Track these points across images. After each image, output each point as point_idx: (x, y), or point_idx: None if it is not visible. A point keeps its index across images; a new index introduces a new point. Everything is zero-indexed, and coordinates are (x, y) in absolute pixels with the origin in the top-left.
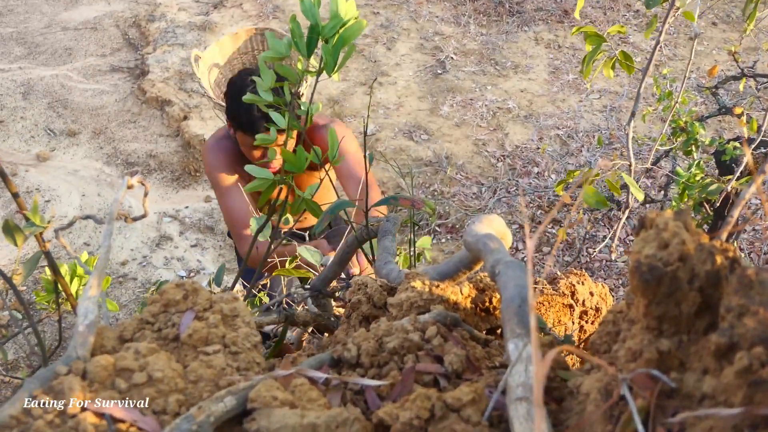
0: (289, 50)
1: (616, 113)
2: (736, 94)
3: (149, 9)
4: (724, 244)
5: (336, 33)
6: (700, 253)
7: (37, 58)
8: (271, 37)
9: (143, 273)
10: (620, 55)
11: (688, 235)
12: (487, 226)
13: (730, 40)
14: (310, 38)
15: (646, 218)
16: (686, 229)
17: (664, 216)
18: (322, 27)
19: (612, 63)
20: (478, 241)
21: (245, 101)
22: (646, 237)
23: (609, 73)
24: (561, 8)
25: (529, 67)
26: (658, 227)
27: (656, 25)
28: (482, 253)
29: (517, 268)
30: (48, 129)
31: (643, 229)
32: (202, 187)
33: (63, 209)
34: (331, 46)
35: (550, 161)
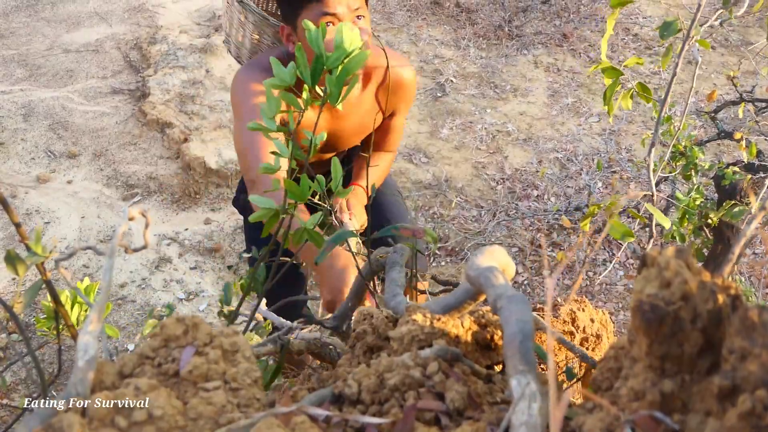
0: (294, 78)
1: (615, 137)
2: (735, 117)
3: (151, 31)
4: (726, 281)
5: (340, 64)
6: (702, 292)
7: (39, 80)
8: (276, 65)
9: (142, 295)
10: (638, 87)
11: (690, 274)
12: (489, 258)
13: (728, 64)
14: (314, 68)
15: (648, 256)
16: (688, 267)
17: (665, 254)
18: (327, 57)
19: (629, 94)
20: (480, 275)
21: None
22: (647, 276)
23: (627, 104)
24: (560, 32)
25: (528, 90)
26: (659, 266)
27: (671, 56)
28: (484, 287)
29: (519, 302)
30: (48, 151)
31: (644, 268)
32: (201, 210)
33: (62, 231)
34: (335, 76)
35: (549, 184)
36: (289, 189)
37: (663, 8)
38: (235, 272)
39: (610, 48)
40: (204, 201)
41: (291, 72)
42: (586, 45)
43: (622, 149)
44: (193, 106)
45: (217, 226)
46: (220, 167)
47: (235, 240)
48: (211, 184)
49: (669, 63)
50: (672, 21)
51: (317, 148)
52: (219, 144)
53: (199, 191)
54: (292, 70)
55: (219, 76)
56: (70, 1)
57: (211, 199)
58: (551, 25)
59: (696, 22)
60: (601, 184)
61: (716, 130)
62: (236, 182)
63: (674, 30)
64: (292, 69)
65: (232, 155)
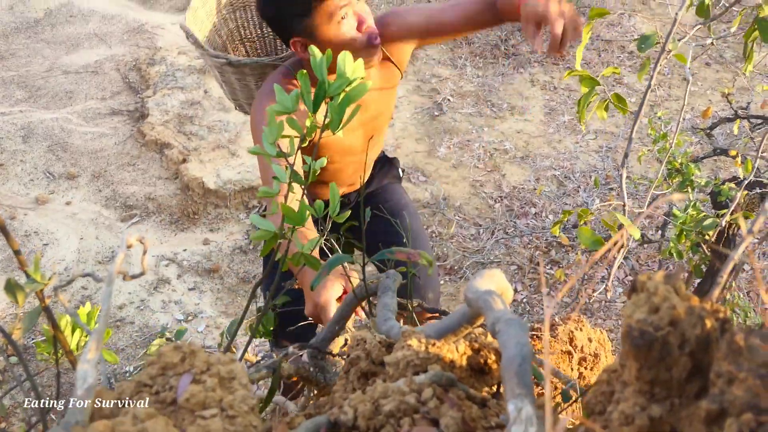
0: (296, 105)
1: (612, 154)
2: (730, 134)
3: (150, 53)
4: (714, 305)
5: (342, 92)
6: (690, 317)
7: (38, 101)
8: (280, 92)
9: (141, 317)
10: (613, 98)
11: (678, 299)
12: (488, 281)
13: (723, 80)
14: (317, 95)
15: (638, 281)
16: (676, 292)
17: (654, 279)
18: (329, 85)
19: (605, 105)
20: (478, 298)
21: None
22: (637, 301)
23: (603, 114)
24: None
25: (525, 108)
26: (648, 291)
27: (649, 68)
28: (483, 310)
29: (517, 326)
30: (47, 172)
31: (634, 293)
32: (200, 230)
33: (61, 253)
34: (336, 104)
35: (547, 202)
36: (286, 213)
37: (658, 26)
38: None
39: (605, 65)
40: (202, 221)
41: (293, 98)
42: (582, 63)
43: (619, 166)
44: (192, 126)
45: (215, 247)
46: (219, 187)
47: (234, 260)
48: (210, 205)
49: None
50: (650, 35)
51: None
52: (217, 164)
53: (197, 212)
54: (295, 97)
55: (217, 97)
56: (69, 23)
57: (210, 219)
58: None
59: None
60: (598, 201)
61: (712, 146)
62: (235, 202)
63: (651, 43)
64: (294, 96)
65: (230, 175)
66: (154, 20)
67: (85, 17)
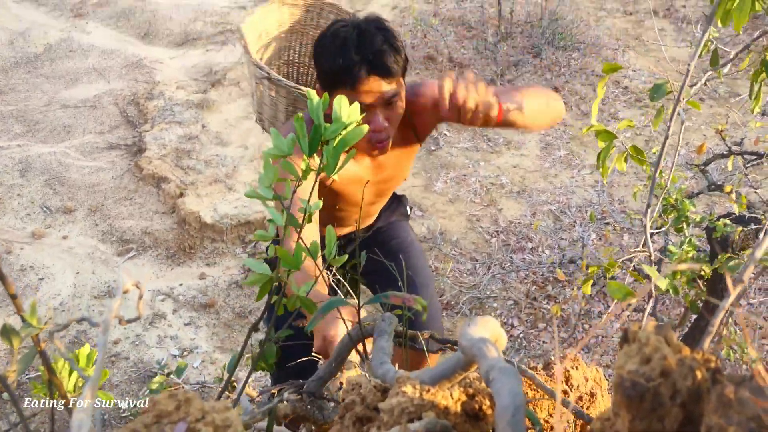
0: (292, 148)
1: (607, 188)
2: (724, 169)
3: (148, 87)
4: (706, 355)
5: (337, 135)
6: (681, 368)
7: (36, 135)
8: (276, 136)
9: (136, 352)
10: (631, 150)
11: (669, 350)
12: (482, 328)
13: (717, 115)
14: (313, 138)
15: (629, 332)
16: (667, 343)
17: (646, 330)
18: (325, 129)
19: (624, 156)
20: (472, 346)
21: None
22: (628, 351)
23: (622, 166)
24: (551, 85)
25: (520, 143)
26: (640, 341)
27: (663, 117)
28: (477, 358)
29: (511, 375)
30: (44, 206)
31: (626, 344)
32: (196, 265)
33: (57, 287)
34: (332, 147)
35: (543, 237)
36: (281, 257)
37: (651, 61)
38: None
39: (601, 101)
40: (199, 256)
41: (290, 142)
42: (577, 98)
43: (614, 201)
44: (189, 161)
45: (211, 281)
46: (215, 222)
47: (230, 295)
48: (207, 239)
49: (660, 122)
50: (662, 83)
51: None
52: (214, 198)
53: (194, 246)
54: (291, 140)
55: (215, 131)
56: (69, 58)
57: (206, 253)
58: (542, 78)
59: (686, 85)
60: (594, 236)
61: (707, 182)
62: (231, 237)
63: (664, 92)
64: (291, 139)
65: (227, 210)
66: (152, 55)
67: (85, 52)
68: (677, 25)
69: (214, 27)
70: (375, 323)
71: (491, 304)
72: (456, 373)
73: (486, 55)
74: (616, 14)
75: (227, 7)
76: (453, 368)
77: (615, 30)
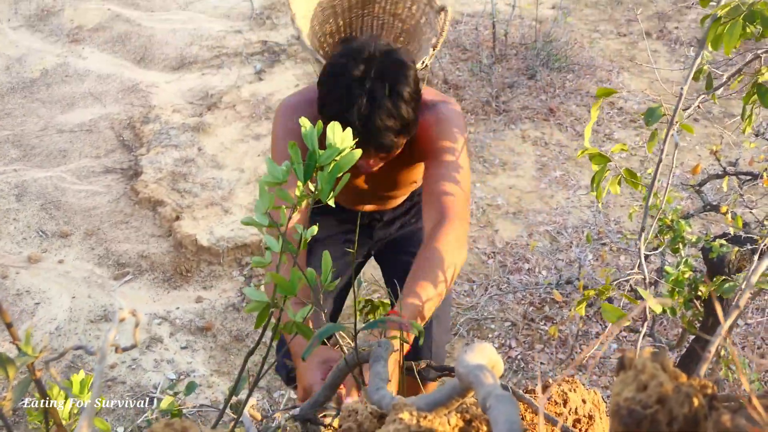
0: (287, 176)
1: (603, 208)
2: (720, 189)
3: (144, 111)
4: (702, 382)
5: (332, 161)
6: (678, 395)
7: (32, 159)
8: (271, 164)
9: (132, 376)
10: (625, 173)
11: (665, 377)
12: (479, 355)
13: (711, 135)
14: (307, 165)
15: (625, 358)
16: (664, 369)
17: (642, 357)
18: (320, 155)
19: (618, 180)
20: (469, 373)
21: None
22: (625, 379)
23: (616, 189)
24: (546, 106)
25: (516, 164)
26: (636, 368)
27: (657, 140)
28: (474, 385)
29: (507, 402)
30: (40, 230)
31: (622, 371)
32: (193, 288)
33: (53, 312)
34: (326, 173)
35: (540, 258)
36: (278, 283)
37: (646, 82)
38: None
39: (596, 122)
40: (195, 279)
41: (285, 170)
42: (572, 119)
43: (611, 221)
44: (185, 184)
45: (208, 305)
46: (212, 245)
47: (227, 318)
48: (203, 262)
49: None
50: (656, 107)
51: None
52: (211, 221)
53: (190, 269)
54: (286, 168)
55: (211, 154)
56: (65, 83)
57: (203, 277)
58: (537, 100)
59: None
60: (591, 257)
61: (702, 202)
62: (228, 260)
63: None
64: (286, 167)
65: (223, 232)
66: (148, 79)
67: (81, 77)
68: (670, 46)
69: (209, 51)
70: (371, 349)
71: (489, 325)
72: (453, 399)
73: (481, 76)
74: (609, 36)
75: (223, 31)
76: (450, 395)
77: (609, 51)
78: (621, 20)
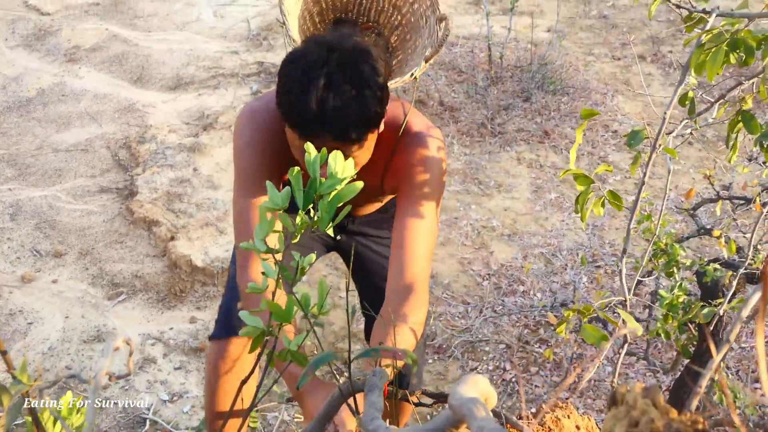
0: (287, 202)
1: (598, 231)
2: (713, 212)
3: (140, 131)
4: (693, 417)
5: (332, 191)
6: (669, 431)
7: (27, 179)
8: (271, 188)
9: (125, 397)
10: (608, 195)
11: (656, 413)
12: (472, 387)
13: (705, 159)
14: (307, 193)
15: (617, 393)
16: (655, 405)
17: (633, 392)
18: (321, 183)
19: (601, 201)
20: (462, 405)
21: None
22: (616, 414)
23: (599, 211)
24: (542, 129)
25: (511, 186)
26: (628, 404)
27: (640, 162)
28: (467, 418)
29: None
30: (34, 250)
31: (614, 406)
32: (187, 308)
33: (45, 332)
34: (326, 202)
35: (535, 280)
36: (273, 311)
37: (640, 105)
38: None
39: (591, 144)
40: (189, 299)
41: (285, 196)
42: (567, 141)
43: (605, 243)
44: (181, 204)
45: (202, 325)
46: (207, 265)
47: None
48: (197, 282)
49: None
50: (639, 130)
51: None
52: (206, 242)
53: (184, 289)
54: (286, 194)
55: (206, 175)
56: (61, 102)
57: (197, 297)
58: (532, 122)
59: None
60: (586, 279)
61: (696, 226)
62: (223, 280)
63: (641, 138)
64: (286, 193)
65: (218, 253)
66: (145, 99)
67: (77, 96)
68: (664, 69)
69: (206, 72)
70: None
71: (483, 347)
72: (446, 430)
73: (476, 99)
74: (604, 59)
75: (219, 52)
76: (443, 426)
77: (603, 75)
78: (615, 44)
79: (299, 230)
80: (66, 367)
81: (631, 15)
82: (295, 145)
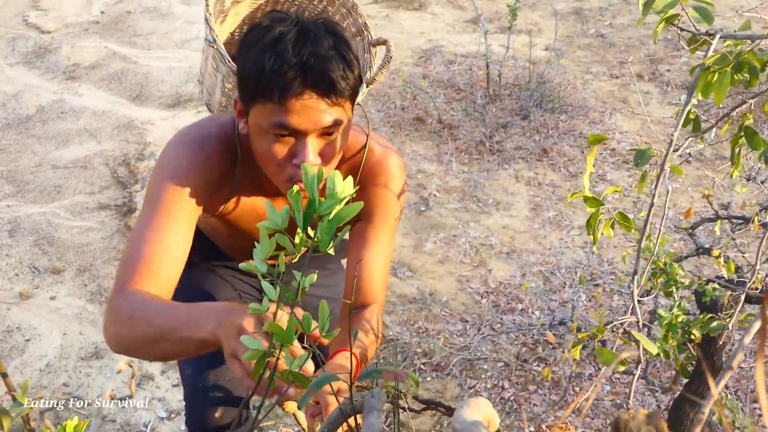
0: (287, 222)
1: (597, 249)
2: (712, 231)
3: (139, 148)
4: None
5: (331, 211)
6: None
7: (26, 195)
8: (270, 208)
9: (122, 414)
10: (618, 216)
11: None
12: (474, 411)
13: (703, 177)
14: (306, 213)
15: (620, 420)
16: None
17: (637, 419)
18: (320, 203)
19: (611, 223)
20: (465, 429)
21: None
22: None
23: (609, 233)
24: (540, 147)
25: (510, 204)
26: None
27: (647, 182)
28: None
29: None
30: (32, 266)
31: None
32: None
33: (43, 348)
34: (326, 223)
35: (533, 298)
36: (274, 331)
37: (638, 123)
38: None
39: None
40: None
41: (284, 216)
42: (566, 159)
43: (604, 262)
44: None
45: None
46: None
47: None
48: None
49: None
50: (645, 149)
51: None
52: None
53: None
54: (285, 214)
55: None
56: (61, 119)
57: None
58: (531, 140)
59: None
60: (584, 298)
61: (695, 245)
62: None
63: (648, 158)
64: (285, 213)
65: None
66: (143, 116)
67: (76, 114)
68: (662, 88)
69: None
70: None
71: (481, 365)
72: None
73: (475, 116)
74: (602, 77)
75: None
76: None
77: (601, 93)
78: (613, 62)
79: (298, 249)
80: (63, 384)
81: (629, 34)
82: (264, 130)
